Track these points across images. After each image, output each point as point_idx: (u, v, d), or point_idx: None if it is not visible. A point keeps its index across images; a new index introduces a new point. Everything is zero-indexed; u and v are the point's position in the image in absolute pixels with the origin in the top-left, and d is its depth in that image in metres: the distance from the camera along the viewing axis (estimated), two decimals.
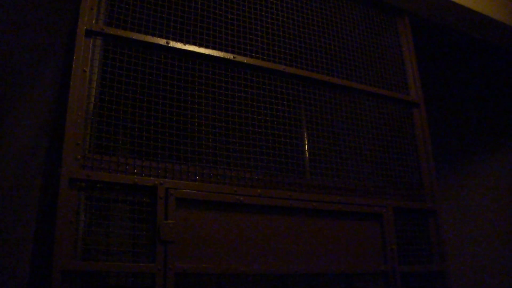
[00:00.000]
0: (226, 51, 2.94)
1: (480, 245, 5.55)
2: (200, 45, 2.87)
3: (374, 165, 3.27)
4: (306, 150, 3.12)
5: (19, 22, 3.76)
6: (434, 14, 4.19)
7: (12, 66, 3.73)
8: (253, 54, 3.02)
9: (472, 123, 5.96)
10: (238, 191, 2.66)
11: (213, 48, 2.91)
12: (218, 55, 2.89)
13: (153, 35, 2.75)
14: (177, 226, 2.43)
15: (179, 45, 2.79)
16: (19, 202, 3.59)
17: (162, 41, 2.75)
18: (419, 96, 3.68)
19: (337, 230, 2.93)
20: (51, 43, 3.79)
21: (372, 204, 3.09)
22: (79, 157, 2.35)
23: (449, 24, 4.34)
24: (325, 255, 2.84)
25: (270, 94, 3.00)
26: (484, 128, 5.82)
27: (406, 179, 3.38)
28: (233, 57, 2.94)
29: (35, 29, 3.77)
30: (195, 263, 2.45)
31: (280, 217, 2.77)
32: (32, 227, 3.41)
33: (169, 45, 2.76)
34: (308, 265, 2.76)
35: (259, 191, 2.73)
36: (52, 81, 3.76)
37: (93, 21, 2.62)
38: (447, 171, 6.09)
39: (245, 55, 3.00)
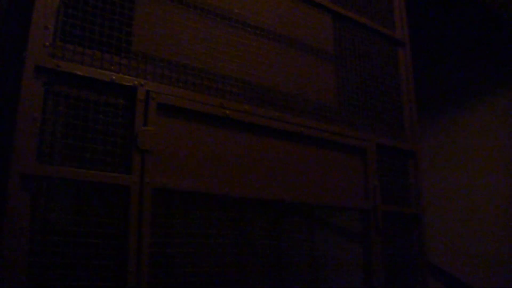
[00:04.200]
0: None
1: (462, 193, 5.60)
2: None
3: (360, 99, 3.09)
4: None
5: None
6: None
7: None
8: None
9: (459, 68, 5.88)
10: (225, 103, 2.39)
11: None
12: None
13: None
14: (157, 135, 2.14)
15: None
16: None
17: None
18: (404, 35, 3.52)
19: (322, 160, 2.75)
20: None
21: (357, 137, 2.92)
22: (47, 43, 1.99)
23: None
24: (308, 185, 2.65)
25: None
26: (471, 74, 5.76)
27: (389, 119, 3.24)
28: None
29: None
30: (175, 179, 2.18)
31: (265, 139, 2.53)
32: None
33: None
34: (290, 193, 2.56)
35: (246, 107, 2.47)
36: None
37: None
38: (432, 117, 6.06)
39: None
